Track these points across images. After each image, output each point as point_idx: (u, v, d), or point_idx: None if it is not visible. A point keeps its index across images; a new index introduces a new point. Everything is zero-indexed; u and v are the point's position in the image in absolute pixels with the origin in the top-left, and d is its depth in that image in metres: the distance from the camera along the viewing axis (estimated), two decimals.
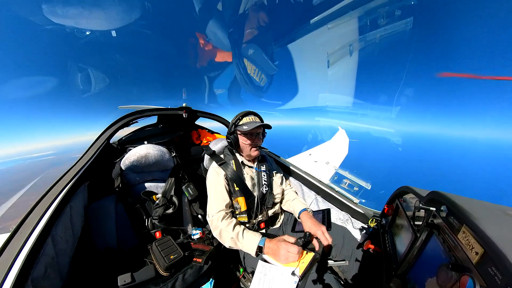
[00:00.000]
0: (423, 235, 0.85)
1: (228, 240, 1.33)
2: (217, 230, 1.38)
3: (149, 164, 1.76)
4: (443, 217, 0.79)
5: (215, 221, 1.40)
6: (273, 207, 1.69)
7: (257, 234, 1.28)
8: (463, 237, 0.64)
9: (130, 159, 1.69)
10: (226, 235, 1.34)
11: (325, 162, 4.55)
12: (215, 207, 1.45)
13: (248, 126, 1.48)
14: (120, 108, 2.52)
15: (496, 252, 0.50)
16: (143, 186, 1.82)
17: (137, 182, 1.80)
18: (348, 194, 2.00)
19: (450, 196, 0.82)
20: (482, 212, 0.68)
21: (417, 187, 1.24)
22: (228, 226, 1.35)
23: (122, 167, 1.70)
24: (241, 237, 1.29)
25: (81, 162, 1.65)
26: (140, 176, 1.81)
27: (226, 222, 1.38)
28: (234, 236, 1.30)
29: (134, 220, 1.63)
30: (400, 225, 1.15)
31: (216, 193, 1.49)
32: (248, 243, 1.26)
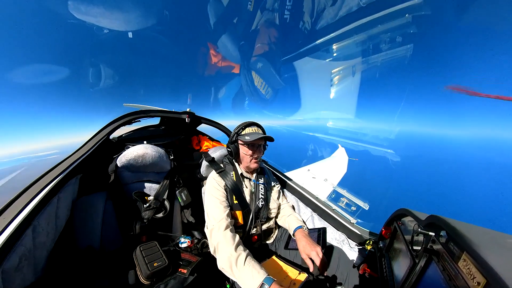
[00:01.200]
0: (422, 261, 0.81)
1: (223, 259, 1.14)
2: (215, 242, 1.22)
3: (146, 164, 1.73)
4: (443, 243, 0.76)
5: (216, 231, 1.25)
6: (267, 222, 1.65)
7: (262, 270, 1.06)
8: (464, 265, 0.61)
9: (127, 157, 1.66)
10: (224, 251, 1.15)
11: (323, 179, 4.50)
12: (217, 216, 1.32)
13: (251, 137, 1.47)
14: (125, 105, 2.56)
15: (500, 283, 0.48)
16: (136, 186, 1.77)
17: (131, 181, 1.76)
18: (345, 213, 1.95)
19: (450, 221, 0.80)
20: (483, 239, 0.66)
21: (415, 210, 1.21)
22: (230, 241, 1.18)
23: (118, 164, 1.67)
24: (241, 263, 1.08)
25: (77, 154, 1.61)
26: (135, 175, 1.77)
27: (229, 235, 1.21)
28: (232, 256, 1.10)
29: (121, 220, 1.57)
30: (398, 249, 1.10)
31: (217, 202, 1.41)
32: (247, 275, 1.04)
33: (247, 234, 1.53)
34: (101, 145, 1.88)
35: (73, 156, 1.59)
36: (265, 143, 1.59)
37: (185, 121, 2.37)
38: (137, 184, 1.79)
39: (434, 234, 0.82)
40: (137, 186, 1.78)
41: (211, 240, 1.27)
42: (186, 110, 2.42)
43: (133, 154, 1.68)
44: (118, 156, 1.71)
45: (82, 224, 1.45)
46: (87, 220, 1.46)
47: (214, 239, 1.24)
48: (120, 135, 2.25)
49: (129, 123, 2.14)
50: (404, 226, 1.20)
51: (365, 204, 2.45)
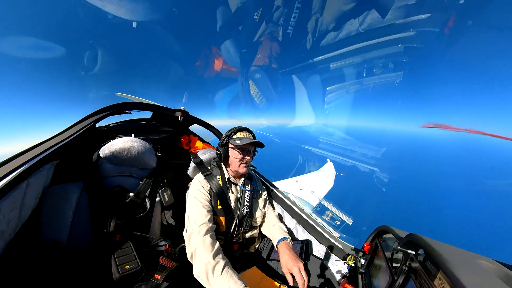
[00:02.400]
0: (401, 279, 0.83)
1: (200, 266, 1.07)
2: (193, 248, 1.15)
3: (131, 158, 1.65)
4: (420, 261, 0.79)
5: (195, 236, 1.19)
6: (251, 230, 1.61)
7: (239, 281, 1.02)
8: (439, 284, 0.63)
9: (112, 148, 1.57)
10: (201, 258, 1.10)
11: (310, 191, 4.54)
12: (198, 220, 1.27)
13: (242, 141, 1.46)
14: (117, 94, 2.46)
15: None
16: (117, 180, 1.66)
17: (112, 174, 1.65)
18: (329, 227, 1.96)
19: (427, 240, 0.83)
20: (457, 259, 0.68)
21: (396, 228, 1.25)
22: (208, 248, 1.12)
23: (101, 154, 1.57)
24: (218, 272, 1.04)
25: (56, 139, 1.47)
26: (117, 168, 1.67)
27: (209, 241, 1.16)
28: (210, 264, 1.05)
29: (95, 215, 1.44)
30: (378, 266, 1.12)
31: (200, 205, 1.36)
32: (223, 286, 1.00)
33: (228, 241, 1.48)
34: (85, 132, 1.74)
35: (52, 140, 1.45)
36: (255, 149, 1.58)
37: (178, 119, 2.30)
38: (118, 178, 1.68)
39: (413, 252, 0.84)
40: (118, 180, 1.67)
41: (189, 245, 1.20)
42: (180, 108, 2.34)
43: (118, 146, 1.59)
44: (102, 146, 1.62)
45: (50, 215, 1.31)
46: (57, 212, 1.33)
47: (193, 244, 1.17)
48: (108, 125, 2.12)
49: (119, 113, 2.02)
50: (385, 243, 1.22)
51: (349, 218, 2.49)
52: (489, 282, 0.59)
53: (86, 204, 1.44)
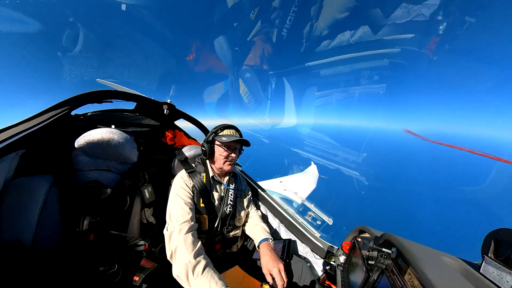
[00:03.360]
0: (375, 275, 0.88)
1: (180, 265, 1.04)
2: (173, 246, 1.11)
3: (109, 151, 1.54)
4: (393, 258, 0.84)
5: (176, 234, 1.15)
6: (233, 229, 1.59)
7: (220, 281, 1.00)
8: (409, 279, 0.68)
9: (88, 139, 1.45)
10: (182, 257, 1.06)
11: (294, 192, 4.63)
12: (179, 218, 1.22)
13: (228, 138, 1.46)
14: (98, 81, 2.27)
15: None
16: (93, 174, 1.54)
17: (87, 167, 1.53)
18: (311, 227, 2.02)
19: (399, 239, 0.89)
20: (424, 256, 0.74)
21: (373, 228, 1.32)
22: (190, 247, 1.09)
23: (76, 145, 1.45)
24: (199, 271, 1.01)
25: (24, 125, 1.32)
26: (93, 161, 1.55)
27: (190, 240, 1.12)
28: (190, 263, 1.02)
29: (66, 213, 1.32)
30: (355, 263, 1.17)
31: (182, 202, 1.32)
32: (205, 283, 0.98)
33: (210, 240, 1.45)
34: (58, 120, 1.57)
35: (18, 127, 1.31)
36: (241, 147, 1.58)
37: (163, 112, 2.18)
38: (94, 172, 1.56)
39: (386, 250, 0.90)
40: (94, 175, 1.55)
41: (169, 244, 1.16)
42: (167, 101, 2.23)
43: (96, 137, 1.47)
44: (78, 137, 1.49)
45: (12, 212, 1.17)
46: (20, 208, 1.19)
47: (173, 243, 1.13)
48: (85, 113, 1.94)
49: (98, 101, 1.84)
50: (362, 242, 1.28)
51: (330, 219, 2.58)
52: (450, 276, 0.65)
53: (55, 200, 1.31)
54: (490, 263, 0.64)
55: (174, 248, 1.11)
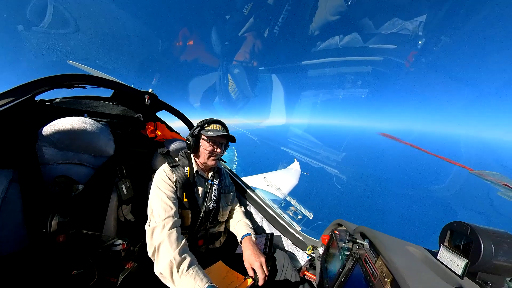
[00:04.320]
0: (350, 264, 0.95)
1: (164, 263, 1.00)
2: (156, 243, 1.06)
3: (81, 143, 1.41)
4: (366, 249, 0.92)
5: (159, 230, 1.10)
6: (216, 225, 1.59)
7: (206, 278, 0.99)
8: (379, 266, 0.75)
9: (56, 129, 1.31)
10: (166, 254, 1.02)
11: (277, 188, 4.74)
12: (162, 213, 1.17)
13: (214, 133, 1.44)
14: (69, 62, 2.02)
15: (399, 278, 0.61)
16: (62, 169, 1.40)
17: (55, 161, 1.39)
18: (292, 221, 2.10)
19: (372, 231, 0.98)
20: (392, 246, 0.83)
21: (349, 221, 1.42)
22: (174, 243, 1.05)
23: (41, 135, 1.30)
24: (184, 269, 0.97)
25: None
26: (62, 154, 1.41)
27: (175, 236, 1.09)
28: (175, 260, 0.98)
29: (30, 212, 1.19)
30: (333, 254, 1.26)
31: (164, 197, 1.27)
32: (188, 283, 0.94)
33: (193, 236, 1.44)
34: (19, 105, 1.38)
35: None
36: (227, 143, 1.56)
37: (144, 102, 2.03)
38: (62, 166, 1.41)
39: (360, 241, 0.98)
40: (63, 169, 1.40)
41: (151, 240, 1.11)
42: (148, 91, 2.07)
43: (66, 127, 1.33)
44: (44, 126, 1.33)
45: None
46: None
47: (156, 239, 1.08)
48: (53, 99, 1.72)
49: (69, 86, 1.63)
50: (339, 234, 1.38)
51: (310, 213, 2.70)
52: (413, 263, 0.74)
53: (17, 198, 1.18)
54: (445, 250, 0.74)
55: (157, 245, 1.06)
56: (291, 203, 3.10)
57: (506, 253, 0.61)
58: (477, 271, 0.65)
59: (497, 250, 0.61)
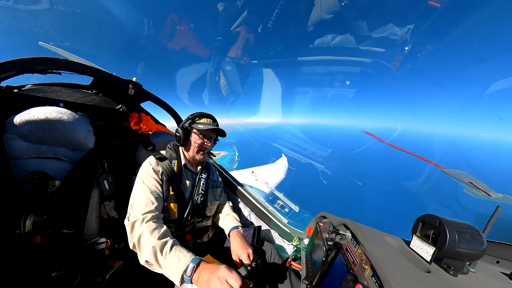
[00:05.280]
0: (332, 253, 1.02)
1: (147, 250, 1.00)
2: (136, 235, 1.06)
3: (57, 135, 1.30)
4: (348, 239, 0.99)
5: (138, 224, 1.09)
6: (204, 219, 1.59)
7: (189, 253, 1.00)
8: (359, 254, 0.82)
9: (27, 119, 1.19)
10: (147, 242, 1.02)
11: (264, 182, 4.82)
12: (142, 208, 1.16)
13: (204, 126, 1.42)
14: (41, 44, 1.81)
15: (376, 264, 0.67)
16: (35, 164, 1.29)
17: (26, 155, 1.28)
18: (279, 214, 2.17)
19: (354, 223, 1.04)
20: (372, 236, 0.90)
21: (332, 214, 1.50)
22: (154, 231, 1.05)
23: (9, 126, 1.19)
24: (167, 250, 0.98)
25: None
26: (35, 148, 1.30)
27: (154, 225, 1.08)
28: (157, 245, 0.99)
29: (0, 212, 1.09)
30: (317, 245, 1.33)
31: (147, 190, 1.24)
32: (173, 261, 0.95)
33: (180, 230, 1.43)
34: None
35: None
36: (216, 137, 1.55)
37: (128, 92, 1.91)
38: (35, 160, 1.30)
39: (342, 233, 1.05)
40: (36, 164, 1.29)
41: (131, 234, 1.08)
42: (132, 80, 1.95)
43: (39, 117, 1.21)
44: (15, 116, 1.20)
45: None
46: None
47: (136, 232, 1.07)
48: (22, 85, 1.56)
49: (42, 71, 1.46)
50: (323, 226, 1.45)
51: (296, 206, 2.80)
52: (389, 251, 0.81)
53: None
54: (417, 240, 0.82)
55: (137, 237, 1.05)
56: (278, 197, 3.18)
57: (467, 241, 0.69)
58: (443, 257, 0.73)
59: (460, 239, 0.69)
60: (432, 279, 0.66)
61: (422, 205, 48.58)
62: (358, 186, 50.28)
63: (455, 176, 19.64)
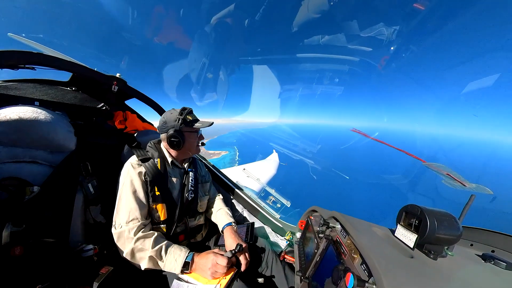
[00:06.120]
0: (324, 245, 1.06)
1: (145, 261, 1.10)
2: (128, 247, 1.11)
3: (33, 137, 1.21)
4: (338, 231, 1.03)
5: (126, 234, 1.12)
6: (196, 218, 1.56)
7: (183, 248, 1.14)
8: (348, 245, 0.86)
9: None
10: (142, 254, 1.10)
11: (256, 178, 4.85)
12: (127, 215, 1.16)
13: (201, 124, 1.40)
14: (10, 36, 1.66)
15: (364, 253, 0.71)
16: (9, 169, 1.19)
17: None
18: (272, 209, 2.21)
19: (343, 215, 1.09)
20: (360, 227, 0.95)
21: (323, 208, 1.55)
22: (146, 241, 1.12)
23: None
24: (163, 253, 1.11)
25: None
26: (9, 151, 1.19)
27: (143, 236, 1.13)
28: (153, 255, 1.09)
29: None
30: (309, 238, 1.38)
31: (130, 196, 1.21)
32: (172, 260, 1.10)
33: (173, 231, 1.39)
34: None
35: None
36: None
37: (111, 89, 1.80)
38: (10, 165, 1.19)
39: (332, 225, 1.10)
40: (10, 169, 1.18)
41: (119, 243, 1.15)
42: (116, 75, 1.85)
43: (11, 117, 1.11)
44: None
45: None
46: None
47: (126, 245, 1.13)
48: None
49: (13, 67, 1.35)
50: (314, 219, 1.50)
51: (288, 202, 2.86)
52: (376, 240, 0.86)
53: None
54: (401, 228, 0.88)
55: (130, 249, 1.12)
56: (270, 193, 3.22)
57: (445, 228, 0.75)
58: (424, 243, 0.79)
59: (439, 226, 0.74)
60: (415, 263, 0.71)
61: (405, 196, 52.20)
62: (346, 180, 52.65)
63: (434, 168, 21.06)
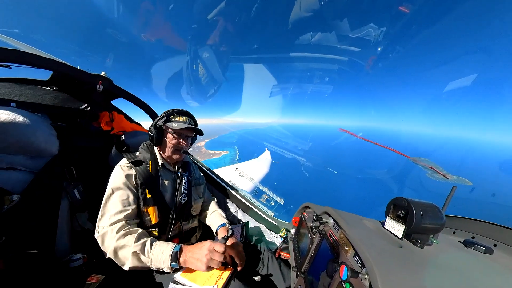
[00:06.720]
0: (317, 240, 1.09)
1: (129, 258, 1.01)
2: (110, 247, 1.04)
3: (10, 141, 1.14)
4: (330, 226, 1.06)
5: (108, 235, 1.07)
6: (189, 221, 1.53)
7: (170, 243, 1.08)
8: (341, 238, 0.89)
9: None
10: (125, 251, 1.03)
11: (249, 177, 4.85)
12: (111, 218, 1.11)
13: (179, 125, 1.34)
14: None
15: (356, 245, 0.74)
16: None
17: None
18: (266, 208, 2.22)
19: (335, 210, 1.12)
20: (352, 221, 0.98)
21: (316, 204, 1.59)
22: (127, 238, 1.05)
23: None
24: (148, 248, 1.03)
25: None
26: None
27: (124, 233, 1.07)
28: (137, 249, 1.01)
29: None
30: (303, 233, 1.40)
31: (117, 198, 1.17)
32: (158, 253, 1.02)
33: (166, 235, 1.35)
34: None
35: None
36: (194, 135, 1.49)
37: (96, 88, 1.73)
38: None
39: (325, 220, 1.13)
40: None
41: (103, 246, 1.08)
42: (101, 74, 1.77)
43: None
44: None
45: None
46: None
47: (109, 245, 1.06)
48: None
49: None
50: (307, 215, 1.53)
51: (281, 199, 2.89)
52: (366, 232, 0.90)
53: None
54: (390, 220, 0.92)
55: (112, 251, 1.04)
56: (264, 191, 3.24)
57: (430, 218, 0.80)
58: (412, 233, 0.83)
59: (424, 216, 0.79)
60: (404, 252, 0.75)
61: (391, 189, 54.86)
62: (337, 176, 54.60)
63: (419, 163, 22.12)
